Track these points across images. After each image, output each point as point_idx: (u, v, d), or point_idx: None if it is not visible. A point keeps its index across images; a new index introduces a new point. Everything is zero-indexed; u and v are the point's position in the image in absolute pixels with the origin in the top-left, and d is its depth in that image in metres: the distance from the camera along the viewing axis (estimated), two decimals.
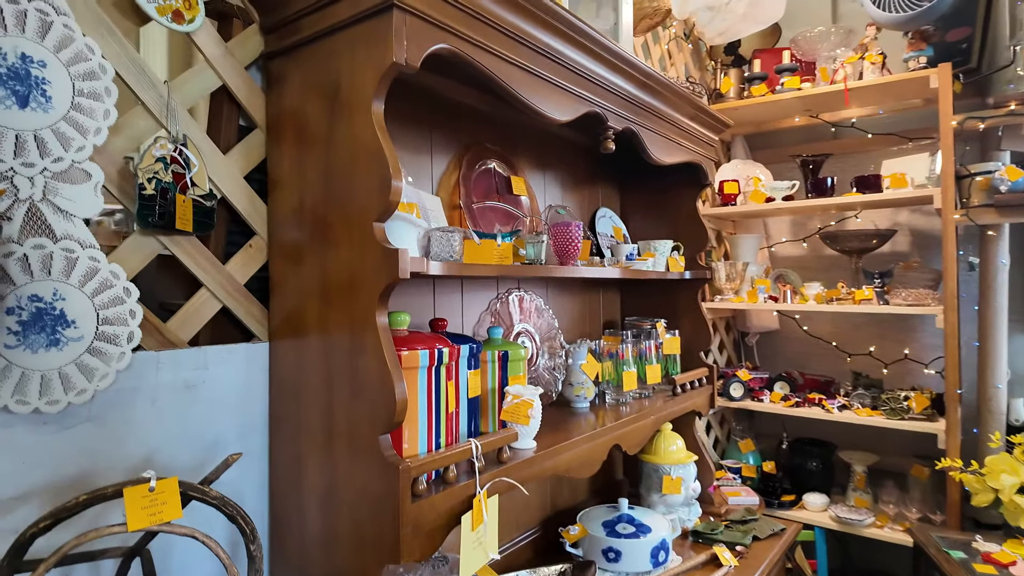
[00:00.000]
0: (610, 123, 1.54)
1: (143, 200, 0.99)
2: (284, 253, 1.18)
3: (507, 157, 1.78)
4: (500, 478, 1.16)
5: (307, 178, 1.13)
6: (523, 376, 1.48)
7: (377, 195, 0.99)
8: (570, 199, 2.10)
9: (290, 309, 1.17)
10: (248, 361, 1.18)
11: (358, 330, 1.02)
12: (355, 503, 1.04)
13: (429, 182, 1.54)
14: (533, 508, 1.89)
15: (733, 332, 3.33)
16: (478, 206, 1.62)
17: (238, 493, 1.17)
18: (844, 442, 2.91)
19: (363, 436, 1.02)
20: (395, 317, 1.14)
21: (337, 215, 1.07)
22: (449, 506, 1.06)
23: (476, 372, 1.34)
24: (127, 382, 1.00)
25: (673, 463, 1.95)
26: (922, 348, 2.88)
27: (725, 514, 2.13)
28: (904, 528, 2.48)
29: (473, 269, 1.22)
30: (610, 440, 1.55)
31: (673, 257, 2.14)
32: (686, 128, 1.94)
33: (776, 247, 3.31)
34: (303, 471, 1.14)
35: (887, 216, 2.98)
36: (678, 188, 2.24)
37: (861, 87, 2.59)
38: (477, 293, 1.68)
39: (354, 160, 1.04)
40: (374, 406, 1.00)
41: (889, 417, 2.49)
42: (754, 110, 2.93)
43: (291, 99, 1.17)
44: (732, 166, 3.09)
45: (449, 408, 1.14)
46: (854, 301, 2.58)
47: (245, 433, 1.18)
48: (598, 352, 1.83)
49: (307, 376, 1.13)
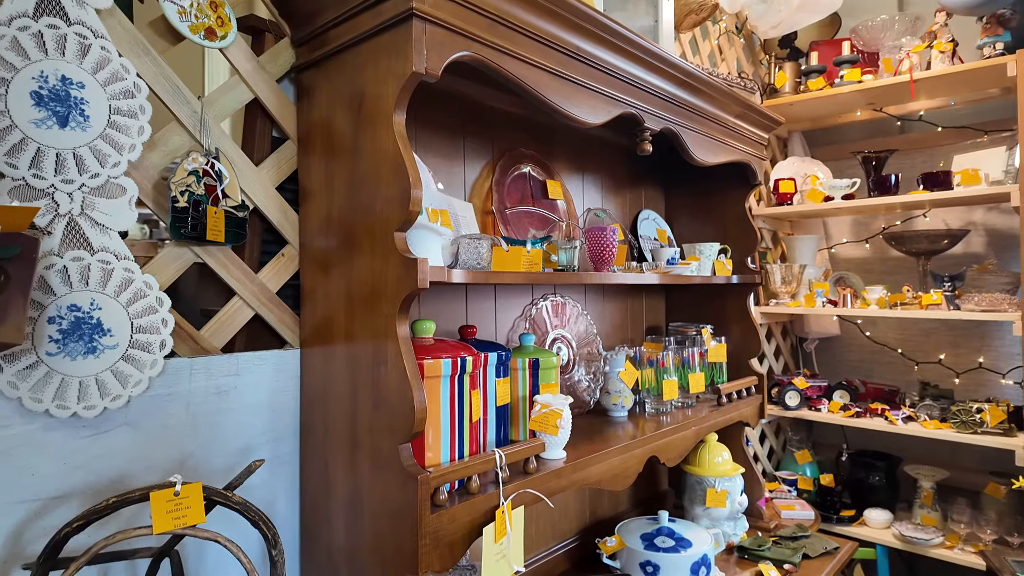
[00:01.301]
0: (647, 124, 1.49)
1: (176, 213, 1.03)
2: (314, 262, 1.21)
3: (542, 161, 1.75)
4: (525, 490, 1.14)
5: (335, 188, 1.15)
6: (555, 384, 1.46)
7: (398, 205, 0.99)
8: (610, 202, 2.06)
9: (319, 317, 1.19)
10: (279, 368, 1.20)
11: (380, 339, 1.02)
12: (376, 512, 1.04)
13: (462, 188, 1.54)
14: (571, 517, 1.86)
15: (791, 337, 3.19)
16: (511, 211, 1.61)
17: (270, 499, 1.20)
18: (911, 456, 2.74)
19: (384, 445, 1.02)
20: (420, 325, 1.14)
21: (361, 225, 1.08)
22: (471, 517, 1.05)
23: (505, 380, 1.33)
24: (161, 388, 1.04)
25: (718, 475, 1.88)
26: (999, 357, 2.67)
27: (775, 529, 2.04)
28: (977, 550, 2.30)
29: (499, 277, 1.21)
30: (646, 451, 1.51)
31: (720, 260, 2.06)
32: (732, 127, 1.87)
33: (836, 248, 3.15)
34: (330, 479, 1.15)
35: (959, 215, 2.78)
36: (726, 189, 2.15)
37: (929, 77, 2.43)
38: (511, 299, 1.67)
39: (377, 170, 1.04)
40: (394, 415, 1.00)
41: (960, 431, 2.32)
42: (811, 105, 2.79)
43: (320, 111, 1.19)
44: (789, 163, 2.96)
45: (474, 417, 1.13)
46: (921, 306, 2.42)
47: (276, 439, 1.20)
48: (638, 359, 1.79)
49: (334, 384, 1.14)
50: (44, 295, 0.91)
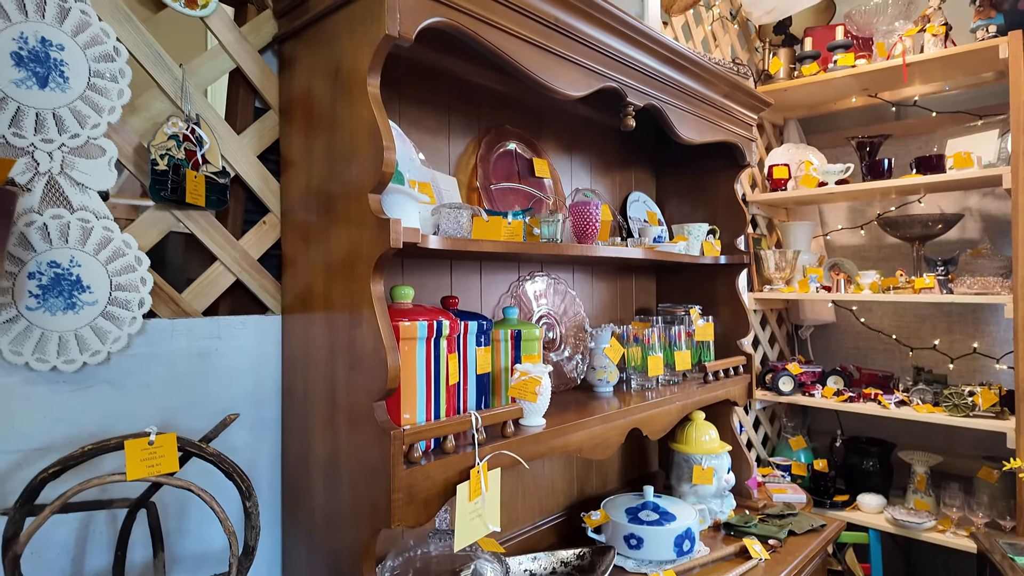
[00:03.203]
0: (630, 99, 1.51)
1: (155, 175, 1.05)
2: (296, 230, 1.22)
3: (529, 140, 1.77)
4: (501, 451, 1.15)
5: (314, 156, 1.17)
6: (537, 356, 1.47)
7: (372, 167, 1.01)
8: (599, 183, 2.07)
9: (300, 283, 1.21)
10: (261, 333, 1.22)
11: (356, 301, 1.04)
12: (354, 470, 1.06)
13: (447, 163, 1.56)
14: (559, 494, 1.87)
15: (786, 325, 3.19)
16: (496, 188, 1.62)
17: (252, 462, 1.22)
18: (905, 442, 2.74)
19: (360, 404, 1.04)
20: (398, 291, 1.16)
21: (339, 190, 1.10)
22: (445, 476, 1.07)
23: (486, 349, 1.35)
24: (143, 347, 1.06)
25: (704, 452, 1.89)
26: (993, 342, 2.66)
27: (763, 508, 2.05)
28: (967, 533, 2.30)
29: (478, 245, 1.23)
30: (629, 423, 1.52)
31: (709, 241, 2.07)
32: (720, 106, 1.87)
33: (832, 236, 3.14)
34: (311, 441, 1.17)
35: (955, 200, 2.77)
36: (715, 170, 2.16)
37: (921, 61, 2.42)
38: (497, 276, 1.68)
39: (353, 136, 1.06)
40: (370, 375, 1.01)
41: (952, 413, 2.32)
42: (806, 90, 2.79)
43: (300, 81, 1.21)
44: (783, 150, 2.96)
45: (451, 380, 1.14)
46: (913, 290, 2.41)
47: (259, 403, 1.22)
48: (624, 337, 1.80)
49: (314, 348, 1.16)
50: (25, 251, 0.93)
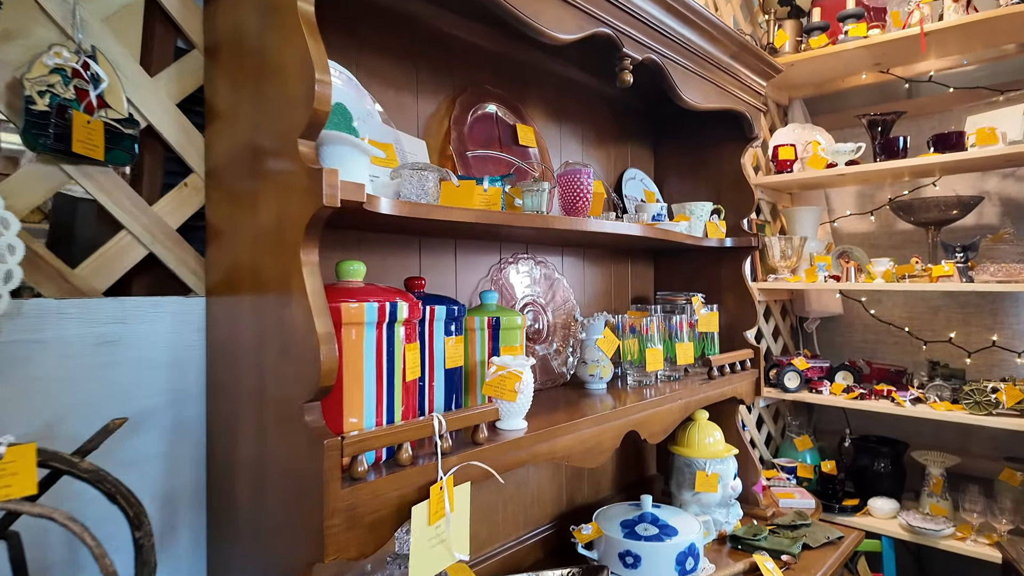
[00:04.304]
0: (626, 50, 1.30)
1: (32, 117, 0.83)
2: (223, 193, 1.01)
3: (513, 103, 1.56)
4: (471, 462, 0.95)
5: (243, 103, 0.95)
6: (519, 347, 1.27)
7: (302, 104, 0.80)
8: (592, 156, 1.86)
9: (228, 258, 0.99)
10: (181, 318, 1.01)
11: (285, 275, 0.83)
12: (284, 490, 0.85)
13: (414, 124, 1.34)
14: (546, 503, 1.67)
15: (791, 317, 2.99)
16: (474, 155, 1.41)
17: (172, 472, 1.01)
18: (918, 441, 2.56)
19: (290, 407, 0.83)
20: (345, 266, 0.95)
21: (269, 142, 0.88)
22: (399, 493, 0.86)
23: (458, 339, 1.14)
24: (20, 333, 0.85)
25: (708, 457, 1.69)
26: (1014, 335, 2.48)
27: (772, 517, 1.85)
28: (991, 542, 2.12)
29: (445, 213, 1.02)
30: (624, 425, 1.32)
31: (713, 222, 1.87)
32: (727, 67, 1.67)
33: (839, 222, 2.95)
34: (238, 448, 0.96)
35: (971, 183, 2.59)
36: (720, 144, 1.96)
37: (941, 29, 2.23)
38: (475, 257, 1.48)
39: (282, 69, 0.85)
40: (301, 368, 0.81)
41: (973, 412, 2.14)
42: (813, 65, 2.60)
43: (228, 14, 0.99)
44: (789, 130, 2.76)
45: (408, 376, 0.93)
46: (931, 279, 2.22)
47: (179, 401, 1.01)
48: (619, 327, 1.60)
49: (242, 335, 0.95)
50: None
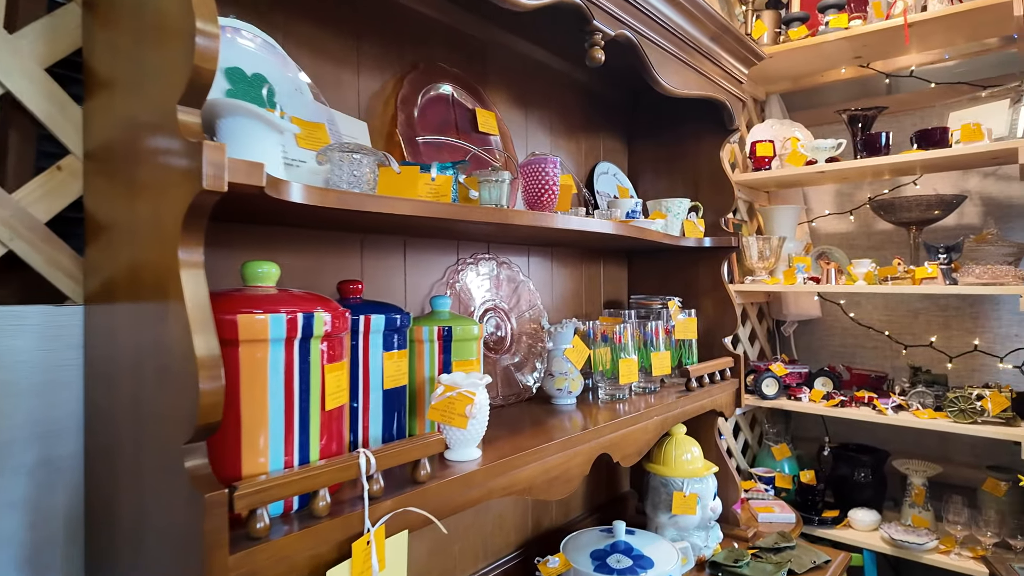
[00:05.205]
0: (597, 22, 1.14)
1: None
2: (105, 178, 0.82)
3: (472, 85, 1.39)
4: (409, 508, 0.78)
5: (121, 65, 0.77)
6: (476, 361, 1.10)
7: (182, 61, 0.62)
8: (561, 148, 1.71)
9: (110, 258, 0.81)
10: (51, 331, 0.82)
11: (162, 280, 0.65)
12: (165, 551, 0.67)
13: (355, 103, 1.17)
14: (509, 529, 1.51)
15: (767, 321, 2.89)
16: (425, 141, 1.24)
17: (37, 521, 0.82)
18: (898, 449, 2.46)
19: (169, 446, 0.65)
20: (252, 269, 0.77)
21: (147, 110, 0.70)
22: (312, 553, 0.69)
23: (401, 354, 0.97)
24: None
25: (686, 476, 1.55)
26: (995, 339, 2.40)
27: (753, 538, 1.72)
28: (976, 555, 2.03)
29: (380, 204, 0.85)
30: (595, 448, 1.16)
31: (691, 220, 1.73)
32: (707, 51, 1.53)
33: (817, 222, 2.85)
34: (117, 495, 0.78)
35: (953, 181, 2.50)
36: (698, 136, 1.82)
37: (925, 20, 2.13)
38: (428, 259, 1.31)
39: (161, 21, 0.67)
40: (178, 400, 0.63)
41: (958, 420, 2.04)
42: (792, 58, 2.48)
43: None
44: (767, 126, 2.65)
45: (329, 403, 0.76)
46: (914, 281, 2.12)
47: (48, 436, 0.82)
48: (590, 335, 1.44)
49: (122, 353, 0.77)
50: None
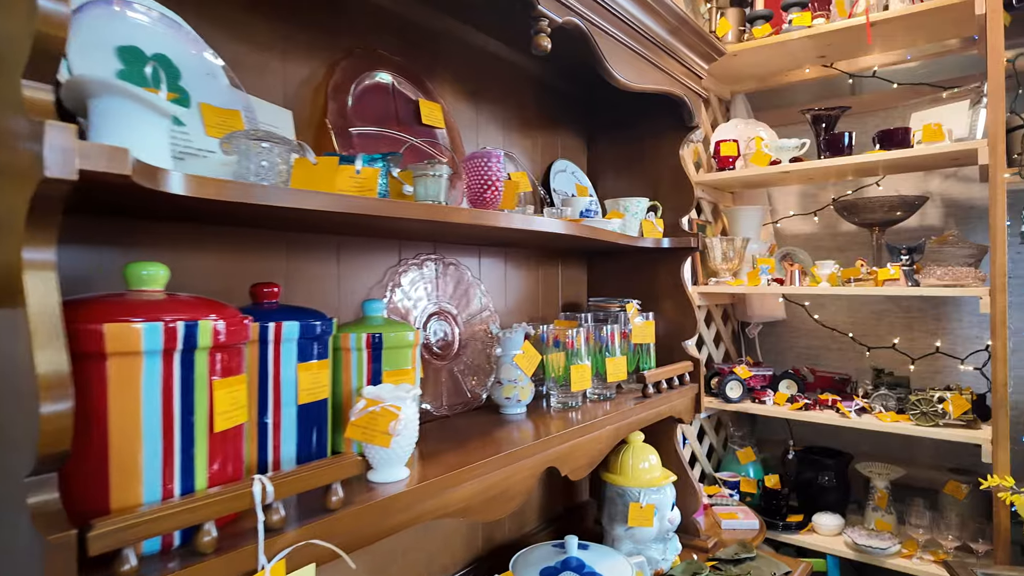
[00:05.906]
0: (542, 7, 1.07)
1: None
2: None
3: (416, 75, 1.31)
4: (313, 541, 0.69)
5: None
6: (411, 372, 1.02)
7: (24, 23, 0.53)
8: (516, 144, 1.63)
9: None
10: None
11: (12, 284, 0.56)
12: None
13: (279, 90, 1.08)
14: (456, 545, 1.42)
15: (732, 323, 2.85)
16: (360, 132, 1.15)
17: None
18: (862, 451, 2.45)
19: (12, 479, 0.56)
20: (135, 270, 0.68)
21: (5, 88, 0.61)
22: None
23: (321, 364, 0.88)
24: None
25: (643, 486, 1.49)
26: (956, 340, 2.40)
27: (714, 548, 1.67)
28: (938, 559, 2.01)
29: (292, 198, 0.76)
30: (540, 461, 1.09)
31: (649, 220, 1.67)
32: (664, 44, 1.47)
33: (782, 223, 2.83)
34: None
35: (915, 183, 2.50)
36: (657, 134, 1.76)
37: (887, 19, 2.11)
38: (366, 259, 1.22)
39: None
40: (27, 425, 0.54)
41: (920, 423, 2.02)
42: (757, 56, 2.45)
43: None
44: (731, 126, 2.61)
45: (218, 424, 0.67)
46: (877, 282, 2.11)
47: None
48: (543, 340, 1.37)
49: None
50: None
